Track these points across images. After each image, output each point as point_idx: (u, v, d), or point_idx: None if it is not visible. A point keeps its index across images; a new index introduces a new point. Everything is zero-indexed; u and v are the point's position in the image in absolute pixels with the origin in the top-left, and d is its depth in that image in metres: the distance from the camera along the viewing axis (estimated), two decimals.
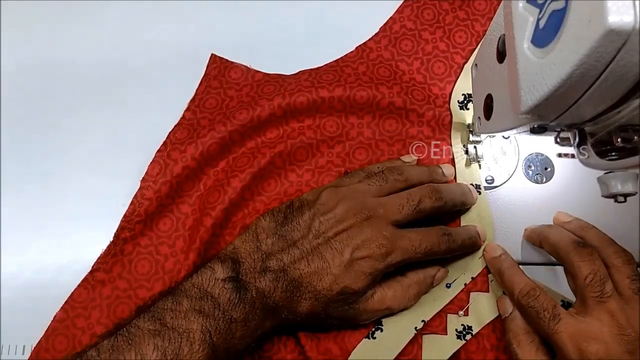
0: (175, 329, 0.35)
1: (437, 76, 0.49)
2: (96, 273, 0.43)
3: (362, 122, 0.47)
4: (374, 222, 0.40)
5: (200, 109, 0.47)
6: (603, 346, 0.36)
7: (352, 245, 0.39)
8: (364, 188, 0.42)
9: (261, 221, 0.41)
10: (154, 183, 0.44)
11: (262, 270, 0.38)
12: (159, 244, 0.44)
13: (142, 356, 0.34)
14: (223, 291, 0.37)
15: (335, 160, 0.45)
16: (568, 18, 0.26)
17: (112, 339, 0.35)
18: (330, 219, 0.40)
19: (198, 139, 0.45)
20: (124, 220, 0.44)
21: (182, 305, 0.36)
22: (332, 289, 0.38)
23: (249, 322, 0.37)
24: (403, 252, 0.40)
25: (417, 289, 0.42)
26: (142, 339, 0.35)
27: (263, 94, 0.47)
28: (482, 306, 0.43)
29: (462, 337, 0.42)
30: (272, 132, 0.46)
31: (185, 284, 0.38)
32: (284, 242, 0.39)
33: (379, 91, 0.46)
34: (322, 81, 0.47)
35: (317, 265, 0.38)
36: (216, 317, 0.36)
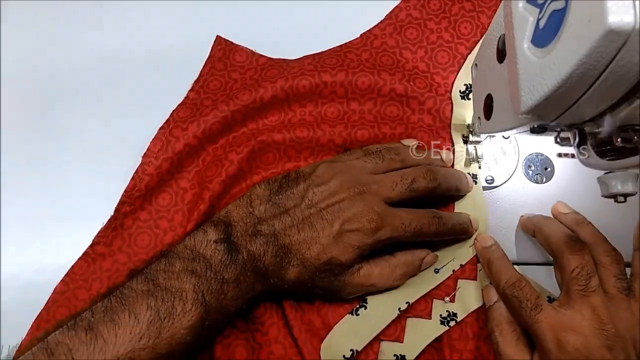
0: (168, 289, 0.36)
1: (440, 65, 0.49)
2: (96, 246, 0.44)
3: (364, 109, 0.47)
4: (366, 197, 0.40)
5: (204, 90, 0.48)
6: (581, 338, 0.37)
7: (342, 217, 0.40)
8: (360, 165, 0.43)
9: (256, 189, 0.42)
10: (155, 159, 0.44)
11: (254, 233, 0.39)
12: (158, 218, 0.44)
13: (136, 315, 0.35)
14: (215, 252, 0.38)
15: (337, 139, 0.45)
16: (568, 18, 0.26)
17: (105, 300, 0.36)
18: (324, 191, 0.40)
19: (200, 117, 0.45)
20: (124, 195, 0.44)
21: (175, 266, 0.37)
22: (319, 258, 0.39)
23: (241, 283, 0.38)
24: (392, 229, 0.40)
25: (404, 270, 0.42)
26: (136, 300, 0.35)
27: (266, 77, 0.47)
28: (468, 294, 0.43)
29: (446, 323, 0.42)
30: (273, 114, 0.47)
31: (178, 247, 0.38)
32: (277, 209, 0.40)
33: (381, 77, 0.47)
34: (325, 65, 0.47)
35: (306, 234, 0.39)
36: (208, 277, 0.37)
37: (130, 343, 0.34)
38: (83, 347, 0.33)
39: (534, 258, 0.44)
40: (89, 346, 0.33)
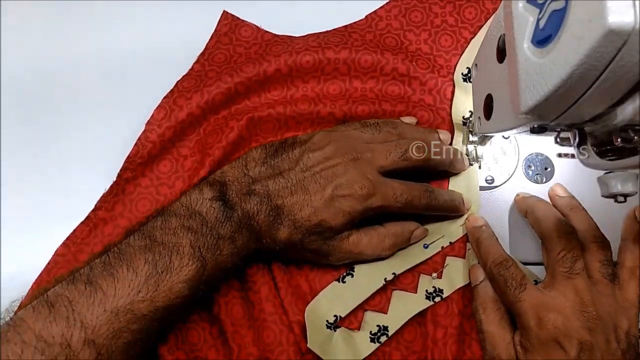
0: (165, 244, 0.36)
1: (444, 48, 0.49)
2: (98, 212, 0.44)
3: (365, 87, 0.47)
4: (360, 164, 0.41)
5: (208, 62, 0.48)
6: (562, 318, 0.37)
7: (335, 182, 0.40)
8: (357, 134, 0.43)
9: (252, 152, 0.42)
10: (158, 127, 0.45)
11: (248, 193, 0.39)
12: (159, 185, 0.45)
13: (134, 269, 0.35)
14: (210, 210, 0.38)
15: (337, 112, 0.46)
16: (568, 18, 0.26)
17: (103, 257, 0.36)
18: (319, 156, 0.41)
19: (204, 87, 0.46)
20: (126, 161, 0.45)
21: (171, 223, 0.38)
22: (310, 219, 0.39)
23: (236, 240, 0.38)
24: (383, 198, 0.41)
25: (393, 241, 0.43)
26: (134, 255, 0.36)
27: (271, 52, 0.48)
28: (455, 271, 0.44)
29: (431, 299, 0.43)
30: (276, 89, 0.47)
31: (174, 205, 0.39)
32: (272, 170, 0.41)
33: (384, 56, 0.47)
34: (329, 43, 0.48)
35: (299, 196, 0.40)
36: (204, 233, 0.37)
37: (129, 296, 0.35)
38: (83, 299, 0.34)
39: (532, 258, 0.44)
40: (89, 298, 0.34)
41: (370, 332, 0.42)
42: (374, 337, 0.42)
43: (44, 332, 0.33)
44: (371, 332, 0.42)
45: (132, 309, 0.34)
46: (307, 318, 0.41)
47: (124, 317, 0.34)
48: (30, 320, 0.33)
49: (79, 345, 0.33)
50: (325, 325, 0.41)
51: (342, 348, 0.41)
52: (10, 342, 0.32)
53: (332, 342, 0.41)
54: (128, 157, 0.45)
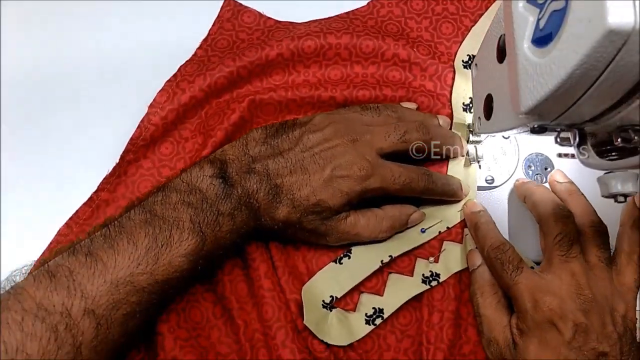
0: (165, 218, 0.37)
1: (445, 36, 0.50)
2: (100, 193, 0.45)
3: (367, 72, 0.48)
4: (359, 145, 0.41)
5: (211, 48, 0.49)
6: (557, 300, 0.38)
7: (334, 163, 0.41)
8: (357, 117, 0.44)
9: (253, 132, 0.43)
10: (161, 110, 0.45)
11: (248, 171, 0.40)
12: (160, 167, 0.45)
13: (134, 242, 0.36)
14: (211, 186, 0.39)
15: (338, 97, 0.46)
16: (568, 18, 0.26)
17: (104, 230, 0.37)
18: (319, 137, 0.41)
19: (207, 71, 0.46)
20: (129, 143, 0.45)
21: (171, 198, 0.38)
22: (308, 199, 0.40)
23: (235, 217, 0.39)
24: (382, 180, 0.41)
25: (391, 223, 0.43)
26: (134, 228, 0.36)
27: (273, 37, 0.48)
28: (452, 256, 0.44)
29: (427, 283, 0.43)
30: (278, 73, 0.48)
31: (174, 181, 0.39)
32: (272, 150, 0.41)
33: (385, 42, 0.47)
34: (330, 28, 0.48)
35: (298, 176, 0.40)
36: (204, 209, 0.38)
37: (129, 268, 0.35)
38: (83, 270, 0.34)
39: (532, 256, 0.44)
40: (89, 269, 0.34)
41: (366, 314, 0.42)
42: (369, 319, 0.42)
43: (45, 300, 0.33)
44: (366, 314, 0.42)
45: (132, 281, 0.35)
46: (303, 296, 0.41)
47: (123, 289, 0.34)
48: (31, 289, 0.33)
49: (79, 314, 0.33)
50: (322, 305, 0.42)
51: (337, 328, 0.41)
52: (10, 310, 0.32)
53: (328, 321, 0.42)
54: (131, 139, 0.45)
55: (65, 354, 0.32)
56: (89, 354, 0.33)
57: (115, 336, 0.34)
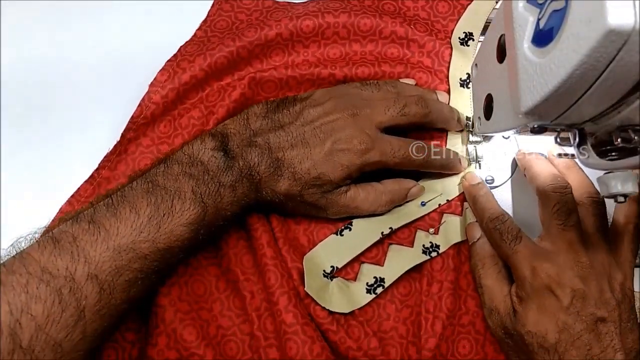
0: (167, 188, 0.37)
1: (441, 14, 0.50)
2: (101, 170, 0.45)
3: (365, 50, 0.48)
4: (359, 119, 0.42)
5: (211, 29, 0.49)
6: (555, 268, 0.38)
7: (334, 136, 0.41)
8: (356, 91, 0.44)
9: (254, 107, 0.43)
10: (162, 89, 0.45)
11: (249, 144, 0.40)
12: (160, 144, 0.46)
13: (137, 211, 0.36)
14: (212, 159, 0.39)
15: (338, 73, 0.47)
16: (568, 18, 0.26)
17: (106, 199, 0.37)
18: (319, 111, 0.42)
19: (207, 51, 0.46)
20: (130, 122, 0.45)
21: (173, 169, 0.38)
22: (309, 172, 0.40)
23: (236, 189, 0.39)
24: (381, 153, 0.42)
25: (390, 197, 0.43)
26: (136, 197, 0.37)
27: (272, 18, 0.49)
28: (452, 228, 0.45)
29: (428, 253, 0.44)
30: (277, 54, 0.48)
31: (176, 153, 0.40)
32: (273, 124, 0.42)
33: (383, 20, 0.48)
34: (328, 7, 0.49)
35: (299, 149, 0.41)
36: (206, 180, 0.38)
37: (132, 235, 0.35)
38: (87, 236, 0.35)
39: None
40: (92, 236, 0.35)
41: (367, 283, 0.43)
42: (370, 288, 0.43)
43: (49, 265, 0.33)
44: (367, 283, 0.43)
45: (134, 248, 0.35)
46: (305, 265, 0.42)
47: (126, 256, 0.35)
48: (35, 254, 0.34)
49: (82, 278, 0.34)
50: (322, 274, 0.42)
51: (337, 296, 0.42)
52: (15, 273, 0.33)
53: (329, 290, 0.42)
54: (132, 117, 0.45)
55: (69, 316, 0.33)
56: (92, 317, 0.34)
57: (118, 301, 0.35)
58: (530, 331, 0.38)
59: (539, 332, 0.38)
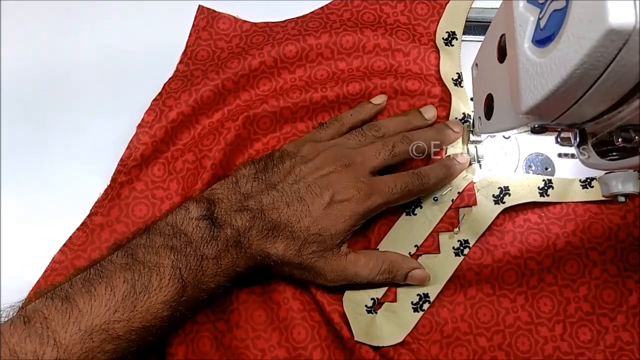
0: (145, 263, 0.36)
1: (421, 17, 0.50)
2: (94, 217, 0.44)
3: (352, 67, 0.48)
4: (352, 169, 0.41)
5: (192, 61, 0.49)
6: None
7: (332, 189, 0.40)
8: (343, 142, 0.44)
9: (241, 169, 0.42)
10: (150, 128, 0.45)
11: (240, 209, 0.39)
12: (154, 188, 0.45)
13: (112, 288, 0.35)
14: (196, 229, 0.38)
15: (330, 94, 0.46)
16: (569, 18, 0.26)
17: (85, 273, 0.36)
18: (311, 167, 0.41)
19: (192, 87, 0.46)
20: (120, 164, 0.45)
21: (155, 242, 0.37)
22: (309, 229, 0.39)
23: (221, 259, 0.38)
24: (381, 195, 0.41)
25: (390, 267, 0.42)
26: (114, 273, 0.35)
27: (252, 44, 0.48)
28: (473, 219, 0.44)
29: (460, 254, 0.43)
30: (265, 84, 0.47)
31: (160, 223, 0.39)
32: (264, 185, 0.41)
33: (364, 34, 0.48)
34: (308, 29, 0.48)
35: (296, 207, 0.40)
36: (187, 253, 0.37)
37: (105, 315, 0.34)
38: (58, 316, 0.34)
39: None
40: (64, 315, 0.34)
41: (412, 302, 0.43)
42: (416, 306, 0.43)
43: (18, 347, 0.32)
44: (412, 302, 0.43)
45: (107, 329, 0.34)
46: (346, 309, 0.41)
47: (97, 337, 0.34)
48: (6, 334, 0.33)
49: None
50: (366, 311, 0.42)
51: (387, 328, 0.42)
52: None
53: (376, 324, 0.42)
54: (121, 160, 0.45)
55: None
56: None
57: None
58: None
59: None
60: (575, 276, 0.43)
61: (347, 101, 0.47)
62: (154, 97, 0.47)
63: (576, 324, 0.43)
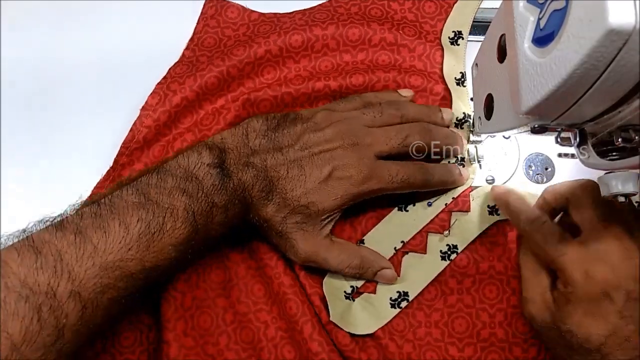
0: (159, 204, 0.36)
1: (428, 15, 0.50)
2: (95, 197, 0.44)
3: (356, 60, 0.48)
4: (358, 149, 0.41)
5: (199, 47, 0.49)
6: (610, 270, 0.36)
7: (332, 164, 0.40)
8: (359, 116, 0.43)
9: (253, 121, 0.42)
10: (153, 112, 0.45)
11: (246, 164, 0.39)
12: None
13: (127, 226, 0.34)
14: (207, 176, 0.38)
15: (332, 84, 0.46)
16: (568, 18, 0.26)
17: (94, 206, 0.35)
18: (319, 137, 0.41)
19: (197, 72, 0.46)
20: (122, 146, 0.45)
21: (167, 182, 0.37)
22: (299, 199, 0.40)
23: (228, 210, 0.38)
24: (380, 180, 0.41)
25: (360, 263, 0.42)
26: (126, 210, 0.35)
27: (259, 33, 0.48)
28: (465, 225, 0.44)
29: (447, 258, 0.43)
30: (269, 72, 0.47)
31: (171, 163, 0.38)
32: (271, 144, 0.41)
33: (371, 28, 0.48)
34: (315, 20, 0.48)
35: (294, 174, 0.40)
36: (199, 198, 0.37)
37: (120, 252, 0.34)
38: (72, 250, 0.33)
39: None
40: (79, 250, 0.33)
41: (390, 297, 0.43)
42: (394, 302, 0.43)
43: (30, 278, 0.31)
44: (391, 298, 0.43)
45: (121, 266, 0.34)
46: (325, 290, 0.42)
47: (112, 274, 0.33)
48: (14, 264, 0.32)
49: (64, 296, 0.32)
50: (344, 296, 0.42)
51: (361, 316, 0.42)
52: None
53: (352, 312, 0.42)
54: (124, 142, 0.45)
55: (46, 335, 0.31)
56: (70, 336, 0.32)
57: (98, 320, 0.34)
58: (572, 331, 0.36)
59: (582, 334, 0.36)
60: None
61: (349, 92, 0.47)
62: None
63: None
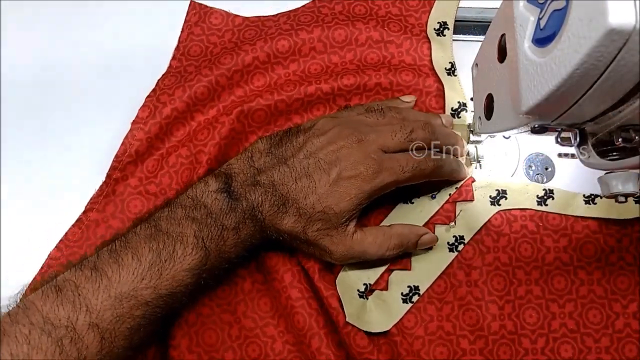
0: (169, 233, 0.37)
1: (412, 8, 0.50)
2: (89, 213, 0.44)
3: (345, 61, 0.48)
4: (364, 145, 0.41)
5: (185, 57, 0.49)
6: None
7: (340, 165, 0.40)
8: (361, 118, 0.43)
9: (257, 143, 0.43)
10: (144, 125, 0.45)
11: (253, 184, 0.40)
12: (147, 184, 0.45)
13: (139, 257, 0.36)
14: (215, 201, 0.39)
15: (324, 86, 0.46)
16: (569, 18, 0.26)
17: (110, 245, 0.38)
18: (323, 141, 0.41)
19: (185, 83, 0.46)
20: (114, 161, 0.45)
21: (177, 213, 0.38)
22: (314, 207, 0.39)
23: (240, 231, 0.39)
24: (391, 173, 0.40)
25: (399, 241, 0.42)
26: (139, 243, 0.37)
27: (245, 39, 0.48)
28: (470, 214, 0.44)
29: (455, 249, 0.44)
30: (259, 79, 0.47)
31: (181, 197, 0.40)
32: (276, 160, 0.41)
33: (356, 27, 0.48)
34: (300, 23, 0.48)
35: (303, 184, 0.40)
36: (208, 224, 0.38)
37: (133, 282, 0.36)
38: (89, 285, 0.35)
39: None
40: (94, 284, 0.35)
41: (402, 293, 0.43)
42: (405, 297, 0.43)
43: (51, 314, 0.34)
44: (402, 293, 0.43)
45: (136, 295, 0.35)
46: (339, 290, 0.42)
47: (127, 303, 0.35)
48: (38, 303, 0.34)
49: (83, 328, 0.34)
50: (358, 295, 0.42)
51: (376, 314, 0.42)
52: (18, 323, 0.33)
53: (367, 310, 0.42)
54: (116, 156, 0.45)
55: None
56: None
57: (120, 349, 0.35)
58: None
59: None
60: (562, 292, 0.43)
61: (342, 93, 0.47)
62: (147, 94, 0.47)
63: (559, 339, 0.43)
